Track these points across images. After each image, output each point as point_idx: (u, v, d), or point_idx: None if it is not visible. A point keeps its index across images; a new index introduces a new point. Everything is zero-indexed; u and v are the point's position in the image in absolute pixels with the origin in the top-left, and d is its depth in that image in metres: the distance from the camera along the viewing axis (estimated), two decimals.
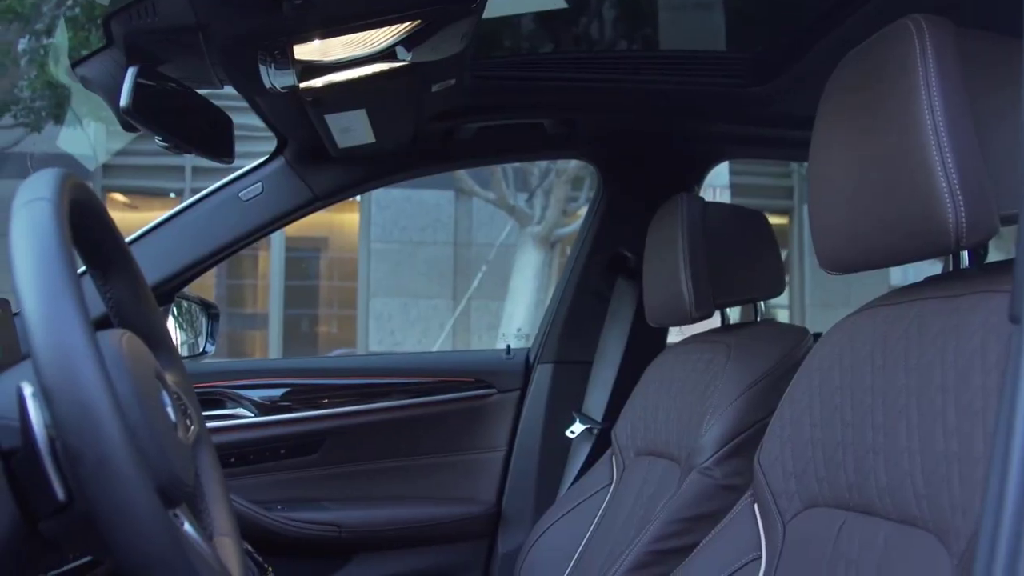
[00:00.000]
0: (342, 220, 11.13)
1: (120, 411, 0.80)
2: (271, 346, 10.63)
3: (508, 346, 2.56)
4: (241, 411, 2.34)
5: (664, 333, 2.39)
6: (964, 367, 0.97)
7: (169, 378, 1.17)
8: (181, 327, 2.48)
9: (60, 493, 0.85)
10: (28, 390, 0.86)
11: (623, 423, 2.07)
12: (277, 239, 10.65)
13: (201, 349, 2.45)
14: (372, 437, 2.42)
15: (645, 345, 2.31)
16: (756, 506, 1.30)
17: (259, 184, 2.13)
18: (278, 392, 2.39)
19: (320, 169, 2.16)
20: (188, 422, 1.16)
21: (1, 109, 7.44)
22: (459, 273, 10.36)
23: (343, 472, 2.40)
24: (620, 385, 2.34)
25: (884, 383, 1.09)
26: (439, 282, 10.33)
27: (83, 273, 1.06)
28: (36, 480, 0.85)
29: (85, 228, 1.05)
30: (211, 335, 2.45)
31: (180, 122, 1.71)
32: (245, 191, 2.12)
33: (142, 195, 10.30)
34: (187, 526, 1.01)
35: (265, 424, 2.35)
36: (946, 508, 0.94)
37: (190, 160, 9.11)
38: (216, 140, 1.82)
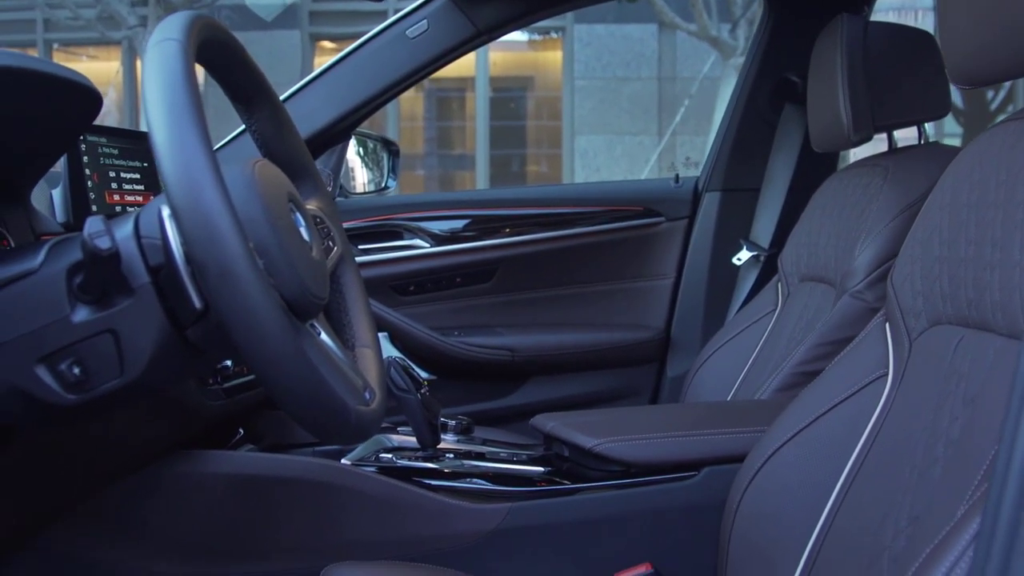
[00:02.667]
0: (546, 59, 11.11)
1: (240, 226, 0.89)
2: (478, 186, 10.86)
3: (676, 175, 2.57)
4: (418, 242, 2.46)
5: (833, 159, 2.34)
6: None
7: (313, 204, 1.26)
8: (365, 164, 2.61)
9: (197, 302, 0.96)
10: (165, 212, 0.96)
11: (789, 249, 2.07)
12: (482, 80, 10.76)
13: (383, 184, 2.58)
14: (543, 265, 2.51)
15: (813, 171, 2.28)
16: (887, 325, 1.30)
17: (424, 22, 2.18)
18: (453, 223, 2.49)
19: (483, 3, 2.19)
20: (330, 244, 1.25)
21: None
22: (663, 108, 10.23)
23: (516, 299, 2.50)
24: (787, 212, 2.33)
25: (1005, 197, 1.07)
26: (643, 118, 10.23)
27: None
28: (178, 291, 0.96)
29: (223, 66, 1.13)
30: (392, 170, 2.57)
31: None
32: (411, 29, 2.18)
33: (346, 40, 10.55)
34: (323, 336, 1.11)
35: (441, 254, 2.46)
36: None
37: (393, 4, 9.24)
38: None
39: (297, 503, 1.50)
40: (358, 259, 2.40)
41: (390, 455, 1.61)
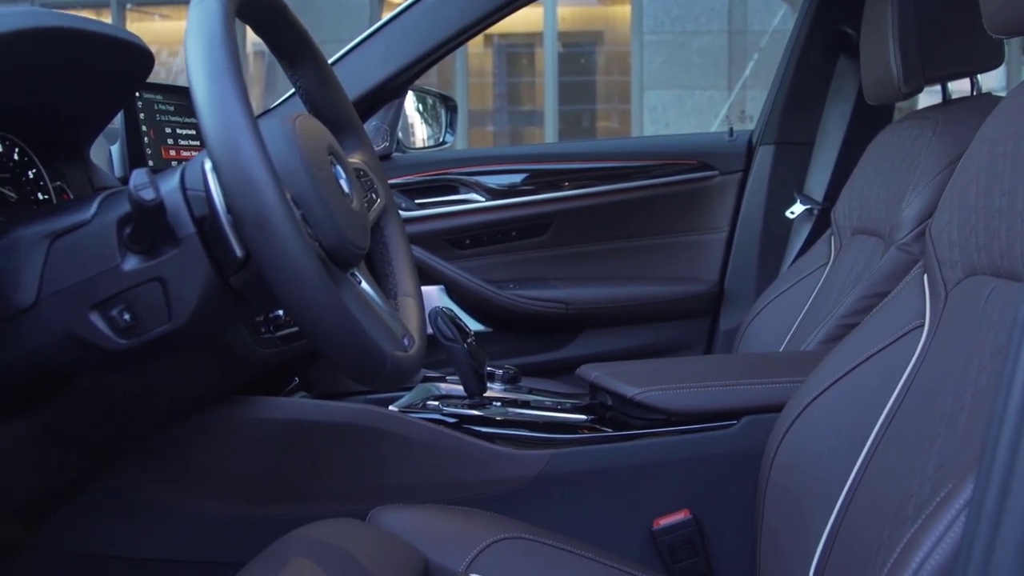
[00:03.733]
0: (615, 13, 11.01)
1: (275, 177, 0.93)
2: (547, 142, 10.83)
3: (731, 128, 2.56)
4: (474, 196, 2.49)
5: (888, 111, 2.32)
6: None
7: (357, 157, 1.30)
8: (424, 120, 2.64)
9: (238, 251, 1.00)
10: (208, 164, 1.00)
11: (842, 203, 2.07)
12: (550, 35, 10.70)
13: (441, 139, 2.61)
14: (597, 219, 2.53)
15: (867, 124, 2.26)
16: (925, 276, 1.31)
17: None
18: (508, 178, 2.52)
19: None
20: (373, 196, 1.29)
21: None
22: (733, 62, 10.08)
23: (570, 253, 2.53)
24: (841, 165, 2.31)
25: None
26: (713, 72, 10.10)
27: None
28: (220, 241, 1.01)
29: (266, 24, 1.17)
30: (450, 125, 2.60)
31: None
32: None
33: None
34: (364, 285, 1.15)
35: (496, 208, 2.49)
36: None
37: None
38: None
39: (345, 448, 1.55)
40: (415, 213, 2.44)
41: (437, 403, 1.65)
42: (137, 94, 1.49)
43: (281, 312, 1.60)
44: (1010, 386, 0.71)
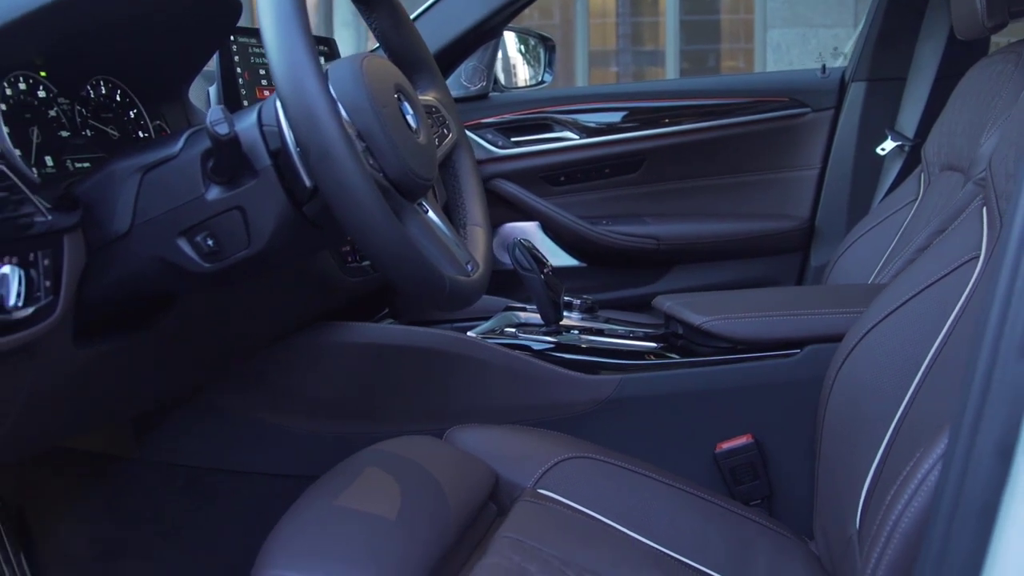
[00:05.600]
0: None
1: (336, 112, 1.01)
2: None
3: (823, 65, 2.55)
4: (568, 134, 2.54)
5: (982, 46, 2.28)
6: None
7: (431, 95, 1.37)
8: (525, 60, 2.70)
9: (307, 181, 1.09)
10: (279, 102, 1.09)
11: (932, 139, 2.06)
12: None
13: (540, 79, 2.67)
14: (689, 156, 2.55)
15: (959, 59, 2.23)
16: (984, 208, 1.32)
17: None
18: (602, 116, 2.56)
19: None
20: (445, 131, 1.36)
21: None
22: None
23: (662, 189, 2.56)
24: (933, 101, 2.29)
25: None
26: (837, 9, 9.81)
27: None
28: (292, 172, 1.09)
29: None
30: (549, 65, 2.65)
31: None
32: None
33: None
34: (431, 214, 1.23)
35: (590, 145, 2.54)
36: None
37: None
38: None
39: (426, 371, 1.64)
40: (511, 151, 2.51)
41: (514, 330, 1.73)
42: (232, 38, 1.59)
43: None
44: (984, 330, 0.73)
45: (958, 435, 0.71)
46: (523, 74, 2.71)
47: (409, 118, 1.19)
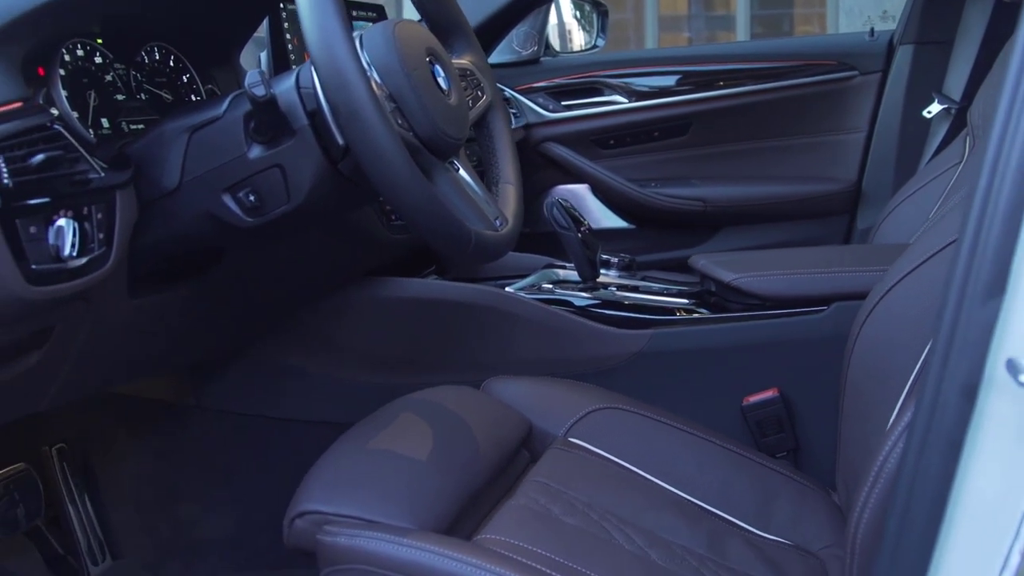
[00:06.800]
0: None
1: (364, 73, 1.07)
2: None
3: (872, 28, 2.55)
4: (617, 98, 2.58)
5: None
6: None
7: (466, 58, 1.43)
8: (579, 25, 2.74)
9: (340, 138, 1.15)
10: (311, 66, 1.15)
11: (978, 101, 2.05)
12: None
13: (592, 43, 2.71)
14: (736, 119, 2.58)
15: (1007, 22, 2.21)
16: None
17: None
18: (651, 80, 2.59)
19: None
20: (479, 93, 1.42)
21: None
22: None
23: (710, 152, 2.59)
24: (980, 64, 2.27)
25: None
26: None
27: None
28: (326, 130, 1.16)
29: None
30: (601, 30, 2.69)
31: None
32: None
33: None
34: (462, 172, 1.29)
35: (639, 109, 2.58)
36: None
37: None
38: None
39: (465, 325, 1.70)
40: (561, 115, 2.56)
41: (551, 286, 1.78)
42: (281, 4, 1.66)
43: None
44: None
45: (927, 376, 0.75)
46: (577, 39, 2.75)
47: (440, 80, 1.24)
